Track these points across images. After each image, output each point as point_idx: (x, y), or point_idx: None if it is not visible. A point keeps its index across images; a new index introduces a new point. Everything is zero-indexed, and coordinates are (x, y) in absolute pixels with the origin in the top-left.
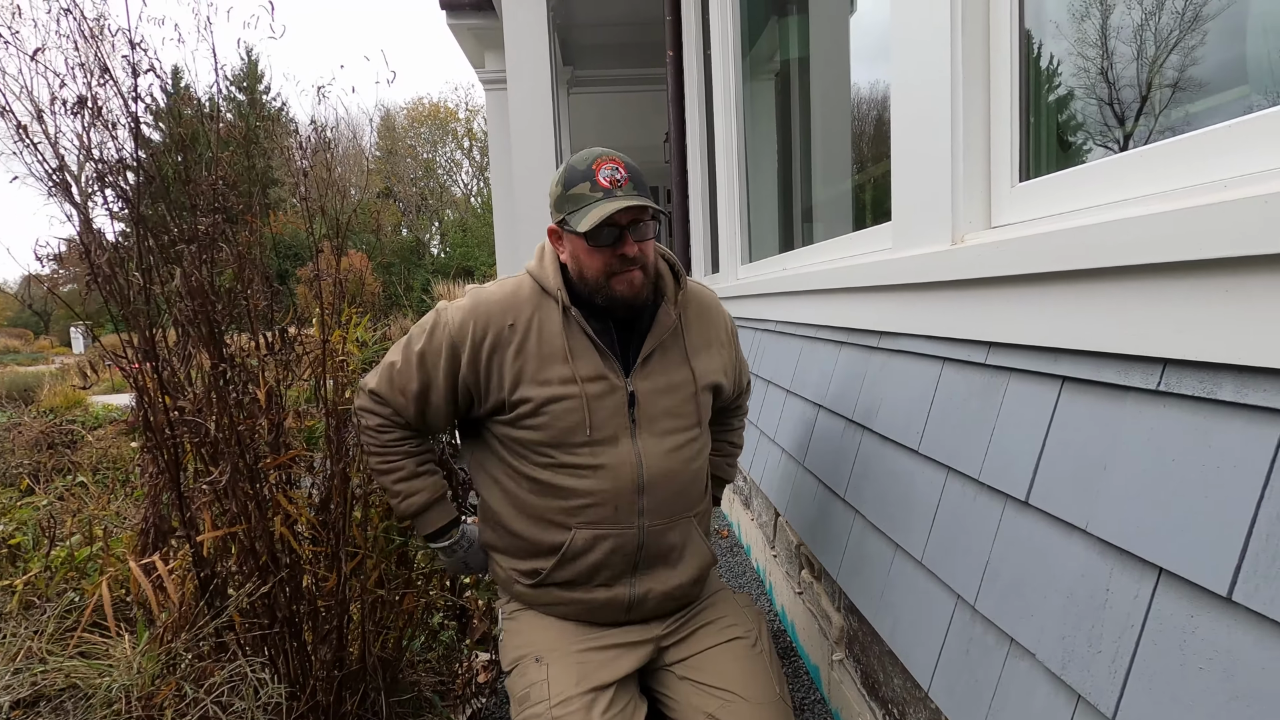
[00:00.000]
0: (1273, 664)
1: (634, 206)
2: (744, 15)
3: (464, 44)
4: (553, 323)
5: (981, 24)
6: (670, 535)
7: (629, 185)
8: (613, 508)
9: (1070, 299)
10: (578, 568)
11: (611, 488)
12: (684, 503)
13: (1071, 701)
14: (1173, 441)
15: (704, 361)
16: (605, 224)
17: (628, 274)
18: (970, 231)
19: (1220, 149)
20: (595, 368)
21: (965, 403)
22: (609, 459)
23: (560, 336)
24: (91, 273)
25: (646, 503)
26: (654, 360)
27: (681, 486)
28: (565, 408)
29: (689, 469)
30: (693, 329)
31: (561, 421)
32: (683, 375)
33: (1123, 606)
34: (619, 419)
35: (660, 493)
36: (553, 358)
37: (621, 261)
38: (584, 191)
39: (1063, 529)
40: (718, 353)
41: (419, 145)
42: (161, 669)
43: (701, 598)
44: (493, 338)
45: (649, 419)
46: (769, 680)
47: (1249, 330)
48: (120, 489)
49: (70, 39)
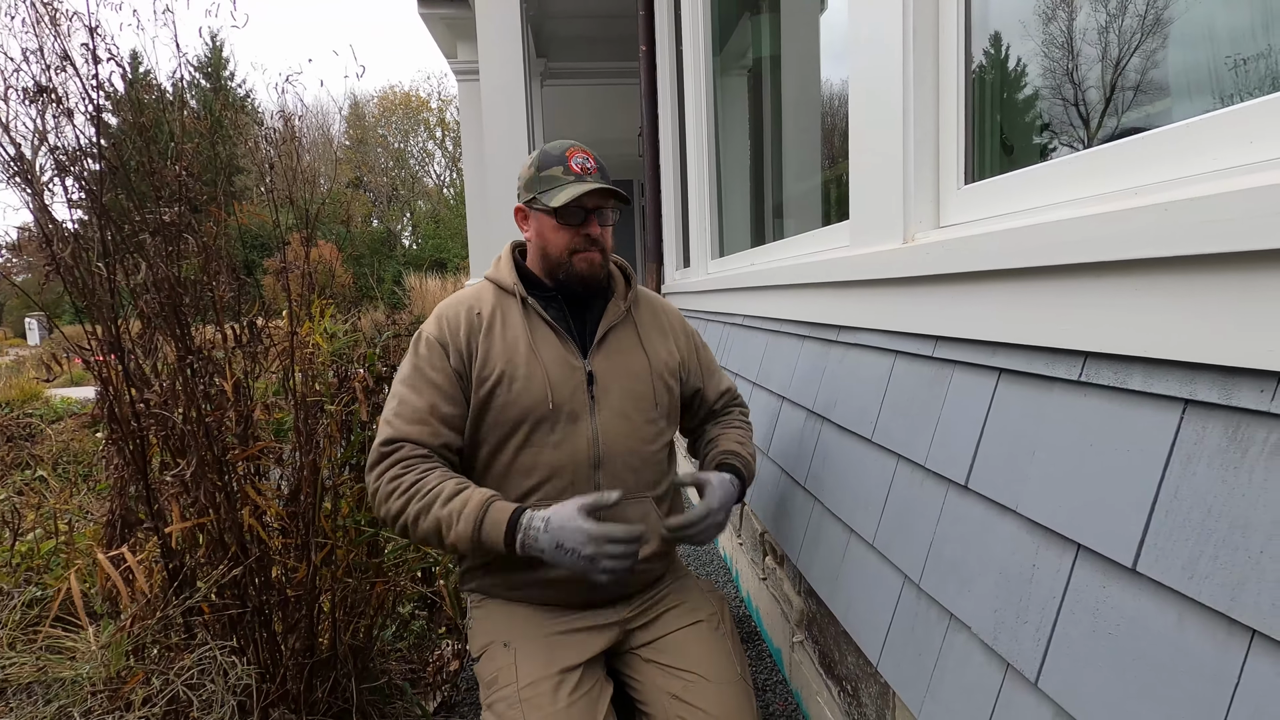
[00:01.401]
0: (1168, 626)
1: (602, 193)
2: (716, 11)
3: (436, 34)
4: (513, 313)
5: (931, 34)
6: (627, 512)
7: (597, 175)
8: (569, 481)
9: (1006, 295)
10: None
11: (569, 461)
12: (640, 481)
13: (1001, 669)
14: (1091, 428)
15: (658, 347)
16: (576, 204)
17: (589, 253)
18: (920, 230)
19: (1138, 158)
20: (555, 348)
21: (915, 394)
22: (567, 434)
23: (521, 324)
24: (54, 263)
25: (602, 478)
26: (609, 343)
27: (638, 464)
28: (528, 384)
29: (645, 449)
30: (644, 319)
31: (525, 398)
32: (639, 360)
33: (1046, 580)
34: (579, 396)
35: (616, 468)
36: (516, 341)
37: (585, 241)
38: (557, 174)
39: (997, 510)
40: (672, 341)
41: (390, 135)
42: (128, 659)
43: (665, 581)
44: (466, 326)
45: (607, 397)
46: (730, 661)
47: (1153, 325)
48: (82, 483)
49: (27, 25)
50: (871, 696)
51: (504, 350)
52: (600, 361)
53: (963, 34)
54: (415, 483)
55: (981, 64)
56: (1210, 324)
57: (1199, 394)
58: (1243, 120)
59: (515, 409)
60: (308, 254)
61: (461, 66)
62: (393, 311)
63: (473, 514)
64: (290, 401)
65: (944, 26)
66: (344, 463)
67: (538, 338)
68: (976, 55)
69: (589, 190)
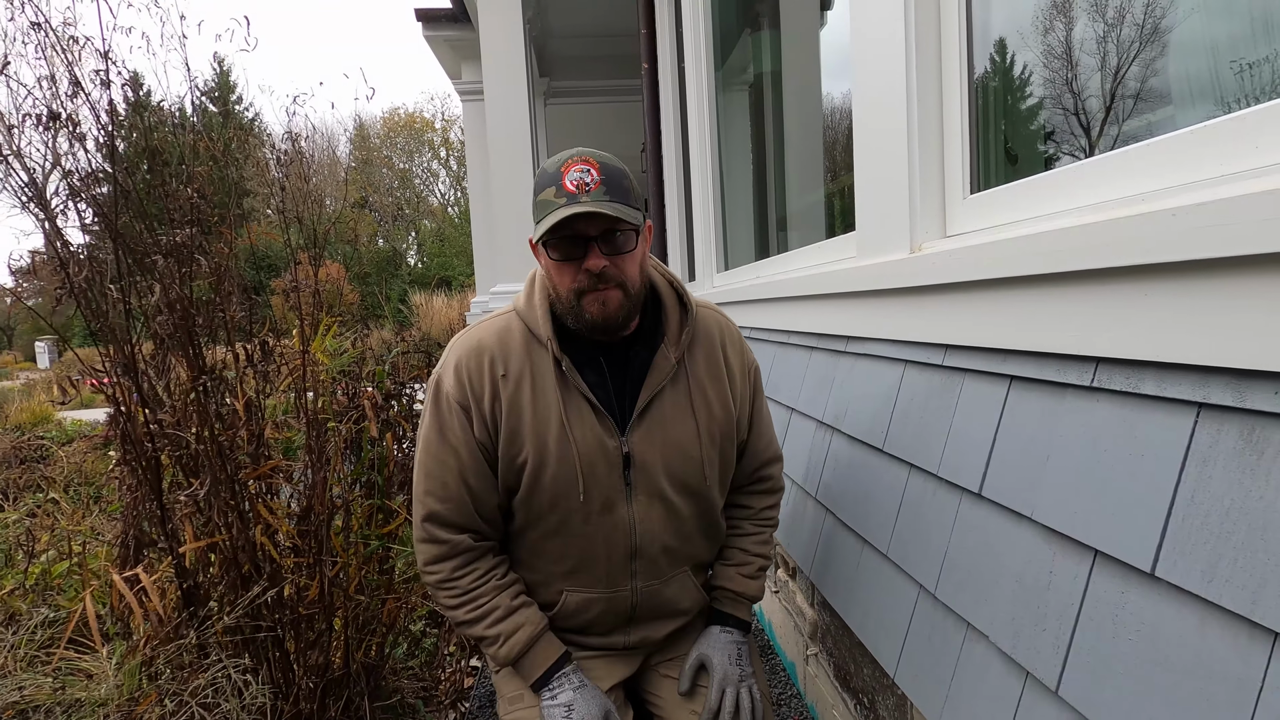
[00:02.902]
0: (1188, 631)
1: (601, 216)
2: (717, 29)
3: (440, 55)
4: (545, 377)
5: (934, 44)
6: (665, 591)
7: (599, 190)
8: (604, 572)
9: (1015, 303)
10: (571, 623)
11: (603, 553)
12: (680, 559)
13: (1021, 678)
14: (1104, 433)
15: (711, 401)
16: (565, 235)
17: (600, 293)
18: (927, 240)
19: (1144, 165)
20: (590, 427)
21: (925, 402)
22: (600, 524)
23: (554, 393)
24: (69, 288)
25: (639, 566)
26: (652, 413)
27: (678, 545)
28: (559, 470)
29: (687, 528)
30: (699, 365)
31: (555, 486)
32: (685, 429)
33: (1064, 587)
34: (614, 481)
35: (654, 555)
36: (547, 418)
37: (590, 279)
38: (549, 198)
39: (1012, 518)
40: (727, 387)
41: (395, 155)
42: (141, 681)
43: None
44: (490, 388)
45: (646, 481)
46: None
47: (1164, 330)
48: (94, 504)
49: (40, 51)
50: (889, 709)
51: (534, 427)
52: (640, 438)
53: (965, 43)
54: (470, 590)
55: (986, 71)
56: (1222, 327)
57: (1212, 397)
58: (1248, 126)
59: (544, 497)
60: (315, 273)
61: (466, 87)
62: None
63: (516, 649)
64: (301, 419)
65: (946, 36)
66: (354, 480)
67: (571, 413)
68: (980, 64)
69: (571, 215)
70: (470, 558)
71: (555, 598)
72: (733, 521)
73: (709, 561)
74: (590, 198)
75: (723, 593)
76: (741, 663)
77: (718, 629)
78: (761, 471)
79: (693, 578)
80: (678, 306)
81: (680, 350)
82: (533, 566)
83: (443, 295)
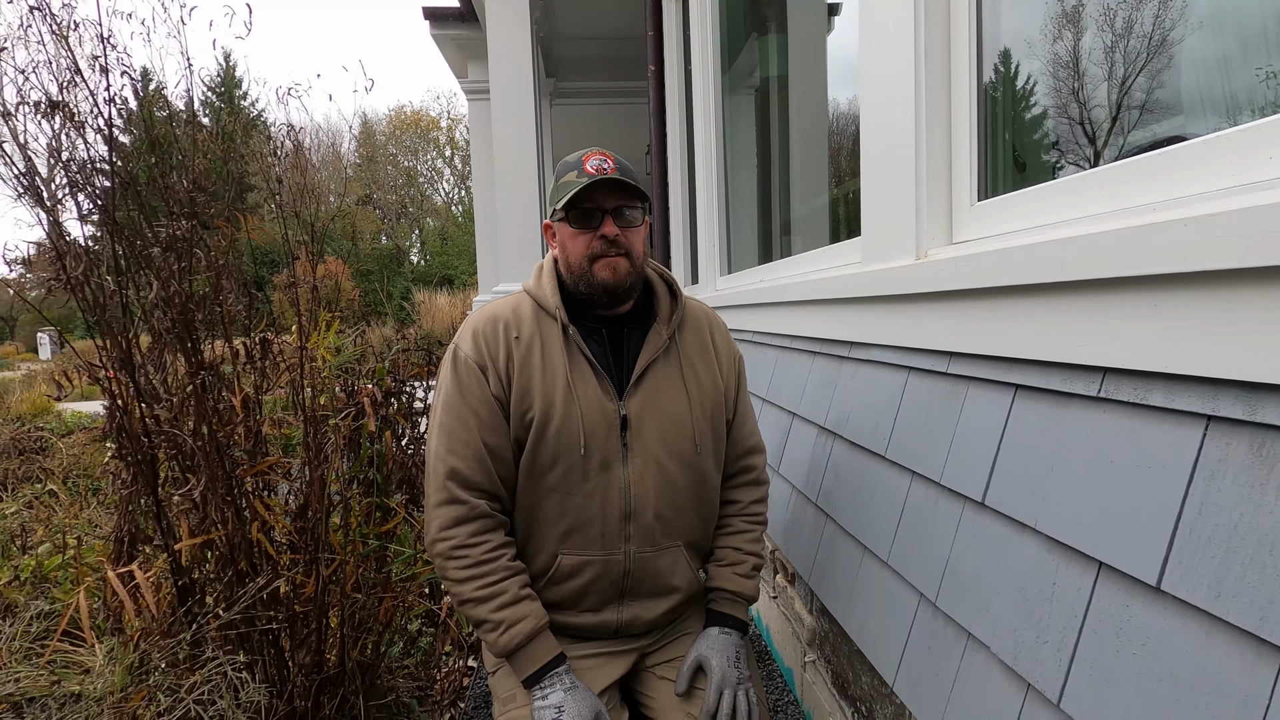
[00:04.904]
0: (1194, 646)
1: (617, 192)
2: (724, 32)
3: (447, 54)
4: (553, 341)
5: (943, 52)
6: (658, 562)
7: (615, 174)
8: (599, 533)
9: (1022, 311)
10: (564, 591)
11: (599, 513)
12: (673, 531)
13: (1022, 690)
14: (1110, 444)
15: (701, 377)
16: (586, 204)
17: (610, 259)
18: (933, 247)
19: (1154, 174)
20: (592, 387)
21: (929, 410)
22: (598, 483)
23: (561, 356)
24: (65, 280)
25: (633, 529)
26: (648, 380)
27: (671, 515)
28: (564, 425)
29: (681, 498)
30: (688, 345)
31: (559, 441)
32: (677, 399)
33: (1067, 599)
34: (612, 442)
35: (647, 520)
36: (555, 376)
37: (604, 244)
38: (572, 179)
39: (1015, 528)
40: (716, 367)
41: (400, 153)
42: (134, 676)
43: (688, 609)
44: (505, 349)
45: (640, 443)
46: None
47: (1173, 341)
48: (92, 497)
49: (38, 37)
50: (887, 718)
51: (543, 386)
52: (636, 403)
53: (975, 51)
54: (481, 562)
55: (993, 80)
56: (1232, 340)
57: (1222, 410)
58: (1261, 137)
59: (549, 452)
60: (315, 268)
61: (472, 86)
62: (401, 326)
63: (516, 640)
64: (299, 416)
65: (955, 44)
66: (352, 477)
67: (576, 374)
68: (988, 72)
69: (595, 183)
70: (486, 525)
71: (550, 562)
72: (724, 519)
73: (702, 545)
74: (608, 178)
75: (720, 593)
76: (740, 665)
77: (716, 630)
78: (745, 460)
79: (685, 555)
80: (668, 294)
81: (671, 329)
82: (530, 531)
83: (445, 294)
